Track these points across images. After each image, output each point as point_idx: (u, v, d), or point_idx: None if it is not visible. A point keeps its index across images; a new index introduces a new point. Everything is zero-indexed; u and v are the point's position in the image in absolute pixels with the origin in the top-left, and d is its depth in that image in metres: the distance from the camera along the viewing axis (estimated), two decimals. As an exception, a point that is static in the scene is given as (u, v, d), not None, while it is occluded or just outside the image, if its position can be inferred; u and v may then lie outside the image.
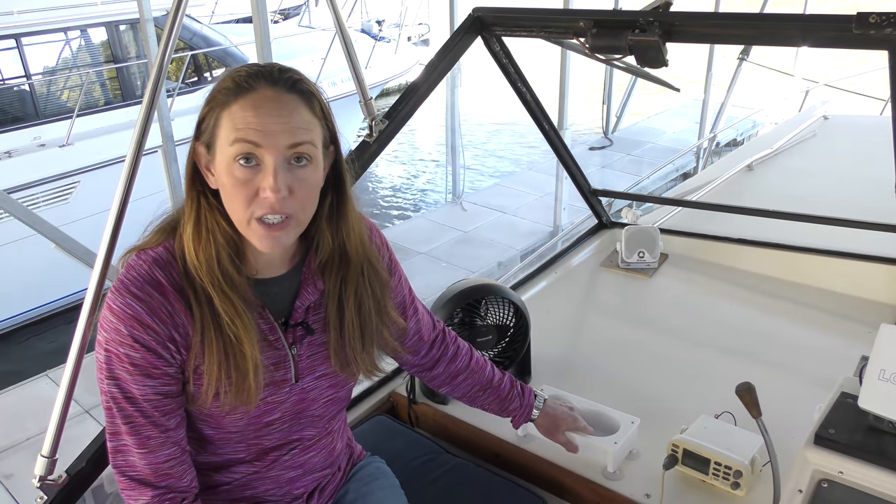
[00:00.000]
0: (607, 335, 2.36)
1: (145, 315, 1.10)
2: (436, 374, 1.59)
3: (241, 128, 1.08)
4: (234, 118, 1.09)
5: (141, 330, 1.10)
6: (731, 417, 1.69)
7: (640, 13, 1.77)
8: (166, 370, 1.14)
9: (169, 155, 6.43)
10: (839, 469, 1.19)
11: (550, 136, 2.61)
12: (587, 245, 2.90)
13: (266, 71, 1.12)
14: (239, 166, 1.09)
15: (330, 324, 1.28)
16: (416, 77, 2.03)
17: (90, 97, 7.95)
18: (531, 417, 1.64)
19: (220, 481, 1.32)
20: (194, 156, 1.15)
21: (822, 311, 2.40)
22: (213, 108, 1.11)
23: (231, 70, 1.13)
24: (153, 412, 1.15)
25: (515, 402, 1.63)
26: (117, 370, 1.12)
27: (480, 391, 1.61)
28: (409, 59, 11.60)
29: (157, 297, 1.11)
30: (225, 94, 1.10)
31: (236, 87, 1.10)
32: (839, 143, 4.51)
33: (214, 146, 1.12)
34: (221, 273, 1.14)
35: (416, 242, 7.91)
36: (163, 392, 1.15)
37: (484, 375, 1.61)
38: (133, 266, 1.13)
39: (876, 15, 1.46)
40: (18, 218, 4.46)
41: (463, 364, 1.59)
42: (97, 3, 7.83)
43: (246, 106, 1.09)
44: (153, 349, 1.12)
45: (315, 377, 1.31)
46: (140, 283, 1.11)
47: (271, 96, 1.10)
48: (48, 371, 5.60)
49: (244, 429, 1.24)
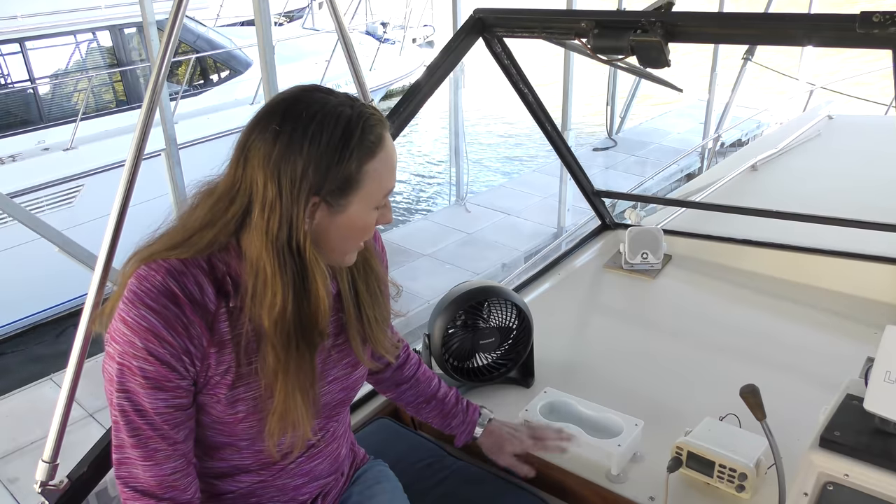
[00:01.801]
0: (611, 337, 2.35)
1: (161, 328, 1.08)
2: (382, 377, 1.63)
3: (387, 180, 1.17)
4: (380, 173, 1.15)
5: (156, 343, 1.08)
6: (736, 420, 1.67)
7: (643, 13, 1.76)
8: (179, 383, 1.13)
9: (172, 158, 6.43)
10: (845, 472, 1.18)
11: (553, 138, 2.61)
12: (590, 246, 2.89)
13: (377, 117, 1.15)
14: (375, 211, 1.18)
15: (350, 314, 1.31)
16: (418, 78, 2.03)
17: (94, 101, 7.97)
18: (474, 435, 1.66)
19: (224, 490, 1.31)
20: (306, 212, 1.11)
21: (827, 312, 2.38)
22: (347, 162, 1.11)
23: (346, 119, 1.12)
24: (163, 425, 1.13)
25: (458, 417, 1.65)
26: (129, 383, 1.10)
27: (424, 402, 1.65)
28: (414, 60, 11.61)
29: (173, 309, 1.09)
30: (363, 150, 1.12)
31: (373, 143, 1.13)
32: (844, 143, 4.49)
33: (349, 198, 1.14)
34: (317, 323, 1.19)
35: (420, 244, 7.91)
36: (174, 405, 1.13)
37: (429, 388, 1.65)
38: (145, 277, 1.10)
39: (879, 14, 1.45)
40: (21, 222, 4.47)
41: (409, 373, 1.63)
42: (101, 7, 7.85)
43: (387, 157, 1.16)
44: (167, 362, 1.10)
45: (327, 381, 1.31)
46: (155, 294, 1.08)
47: (391, 142, 1.18)
48: (52, 375, 5.61)
49: (256, 436, 1.23)
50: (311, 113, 1.11)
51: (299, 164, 1.08)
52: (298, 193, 1.09)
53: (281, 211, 1.09)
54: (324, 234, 1.15)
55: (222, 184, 1.15)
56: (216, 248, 1.14)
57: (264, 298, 1.12)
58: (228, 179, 1.14)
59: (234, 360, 1.16)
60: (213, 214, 1.14)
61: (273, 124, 1.10)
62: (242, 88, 8.85)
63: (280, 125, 1.10)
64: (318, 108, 1.11)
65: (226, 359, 1.16)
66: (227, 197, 1.13)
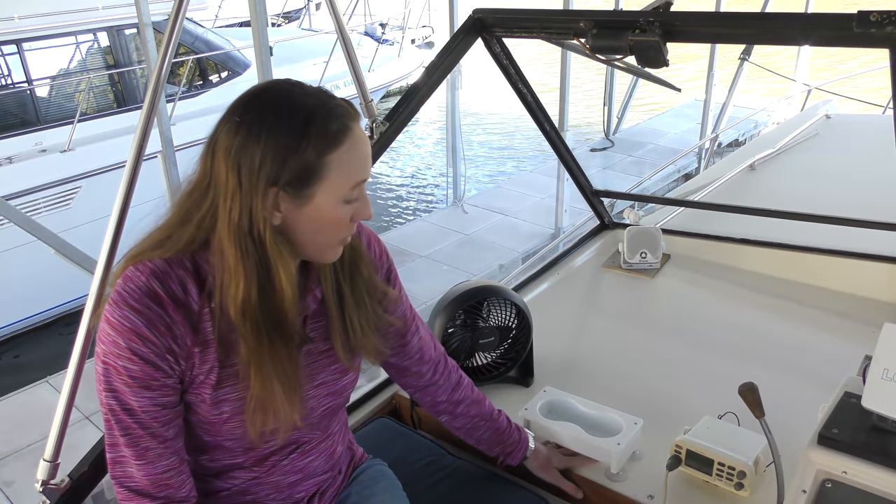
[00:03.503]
0: (610, 336, 2.36)
1: (143, 328, 1.10)
2: (439, 399, 1.60)
3: (356, 172, 1.15)
4: (345, 163, 1.13)
5: (139, 343, 1.10)
6: (735, 418, 1.68)
7: (641, 13, 1.77)
8: (165, 381, 1.14)
9: (168, 160, 6.41)
10: (843, 469, 1.18)
11: (552, 137, 2.61)
12: (589, 246, 2.89)
13: (343, 107, 1.14)
14: (346, 205, 1.15)
15: (333, 318, 1.29)
16: (417, 79, 2.04)
17: (91, 102, 7.95)
18: (526, 454, 1.66)
19: (219, 487, 1.31)
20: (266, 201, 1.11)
21: (825, 310, 2.39)
22: (305, 152, 1.10)
23: (307, 110, 1.11)
24: (152, 423, 1.14)
25: (514, 435, 1.65)
26: (115, 382, 1.12)
27: (481, 421, 1.63)
28: (413, 61, 11.59)
29: (156, 309, 1.10)
30: (325, 140, 1.10)
31: (336, 132, 1.11)
32: (842, 142, 4.50)
33: (311, 189, 1.12)
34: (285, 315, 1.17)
35: (417, 246, 7.90)
36: (161, 403, 1.14)
37: (484, 407, 1.63)
38: (130, 278, 1.11)
39: (877, 13, 1.46)
40: (17, 224, 4.45)
41: (465, 393, 1.61)
42: (99, 8, 7.83)
43: (352, 149, 1.13)
44: (152, 361, 1.11)
45: (314, 385, 1.31)
46: (138, 295, 1.10)
47: (361, 132, 1.15)
48: (48, 377, 5.59)
49: (242, 436, 1.24)
50: (273, 104, 1.11)
51: (257, 154, 1.08)
52: (257, 183, 1.09)
53: (241, 200, 1.09)
54: (293, 226, 1.14)
55: (196, 178, 1.15)
56: (197, 246, 1.15)
57: (229, 288, 1.12)
58: (200, 173, 1.14)
59: (217, 360, 1.16)
60: (189, 210, 1.15)
61: (236, 115, 1.11)
62: (241, 89, 8.81)
63: (241, 116, 1.11)
64: (280, 99, 1.12)
65: (209, 358, 1.16)
66: (198, 191, 1.14)
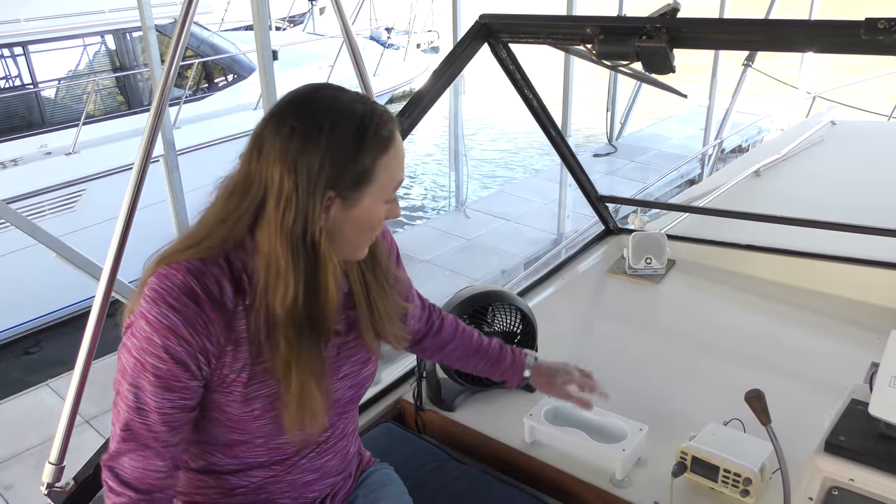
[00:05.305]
0: (615, 342, 2.36)
1: (181, 326, 1.10)
2: (426, 345, 1.66)
3: (397, 173, 1.19)
4: (391, 167, 1.17)
5: (174, 341, 1.10)
6: (741, 424, 1.68)
7: (648, 19, 1.77)
8: (188, 383, 1.14)
9: (171, 163, 6.42)
10: (850, 476, 1.18)
11: (557, 143, 2.61)
12: (594, 251, 2.89)
13: (388, 113, 1.18)
14: (384, 205, 1.20)
15: (362, 307, 1.32)
16: (423, 84, 2.04)
17: (96, 105, 7.97)
18: (524, 375, 1.71)
19: (236, 485, 1.32)
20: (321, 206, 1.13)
21: (831, 317, 2.38)
22: (362, 158, 1.13)
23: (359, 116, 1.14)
24: (161, 427, 1.14)
25: (507, 360, 1.70)
26: (140, 379, 1.12)
27: (473, 354, 1.69)
28: (419, 66, 11.60)
29: (193, 307, 1.11)
30: (377, 145, 1.14)
31: (386, 138, 1.16)
32: (847, 149, 4.50)
33: (361, 192, 1.15)
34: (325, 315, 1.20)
35: (419, 250, 7.90)
36: (179, 406, 1.15)
37: (472, 341, 1.69)
38: (166, 276, 1.12)
39: (885, 20, 1.46)
40: (18, 227, 4.44)
41: (449, 334, 1.66)
42: (105, 11, 7.86)
43: (397, 152, 1.18)
44: (181, 361, 1.12)
45: (339, 378, 1.33)
46: (176, 292, 1.10)
47: (400, 137, 1.20)
48: (49, 381, 5.58)
49: (271, 433, 1.25)
50: (326, 109, 1.13)
51: (316, 159, 1.10)
52: (315, 188, 1.11)
53: (297, 205, 1.11)
54: (338, 228, 1.17)
55: (237, 179, 1.16)
56: (231, 246, 1.16)
57: (277, 290, 1.14)
58: (242, 174, 1.16)
59: (248, 358, 1.17)
60: (227, 210, 1.16)
61: (288, 119, 1.12)
62: (246, 93, 8.82)
63: (296, 120, 1.12)
64: (331, 103, 1.14)
65: (241, 356, 1.17)
66: (240, 191, 1.15)
